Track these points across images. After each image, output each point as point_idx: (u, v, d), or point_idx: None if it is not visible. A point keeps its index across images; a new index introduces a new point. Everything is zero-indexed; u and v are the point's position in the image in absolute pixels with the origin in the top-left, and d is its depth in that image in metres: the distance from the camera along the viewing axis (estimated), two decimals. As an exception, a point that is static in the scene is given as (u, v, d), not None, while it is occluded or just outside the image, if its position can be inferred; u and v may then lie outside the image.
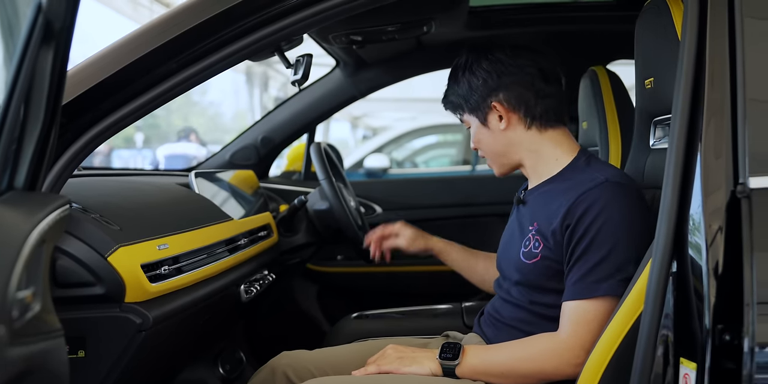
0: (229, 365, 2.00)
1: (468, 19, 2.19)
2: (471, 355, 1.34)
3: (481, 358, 1.34)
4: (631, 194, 1.32)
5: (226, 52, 1.26)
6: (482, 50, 1.44)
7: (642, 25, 1.42)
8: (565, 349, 1.27)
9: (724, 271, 1.01)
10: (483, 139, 1.47)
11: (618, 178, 1.33)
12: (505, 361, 1.32)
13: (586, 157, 1.42)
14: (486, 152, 1.49)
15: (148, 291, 1.26)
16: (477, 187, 2.88)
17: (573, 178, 1.37)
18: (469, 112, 1.46)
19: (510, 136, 1.43)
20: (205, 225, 1.58)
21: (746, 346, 0.98)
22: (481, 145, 1.48)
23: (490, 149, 1.47)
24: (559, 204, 1.33)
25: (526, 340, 1.34)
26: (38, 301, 0.81)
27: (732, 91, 1.07)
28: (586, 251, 1.27)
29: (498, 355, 1.34)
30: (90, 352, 1.21)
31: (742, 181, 1.03)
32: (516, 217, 1.51)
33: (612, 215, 1.27)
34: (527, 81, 1.40)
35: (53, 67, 0.91)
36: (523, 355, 1.31)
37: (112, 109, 1.23)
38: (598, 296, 1.26)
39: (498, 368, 1.32)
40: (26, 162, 0.95)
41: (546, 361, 1.28)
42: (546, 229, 1.34)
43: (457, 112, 1.49)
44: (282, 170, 3.10)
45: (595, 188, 1.30)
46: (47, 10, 0.85)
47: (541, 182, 1.44)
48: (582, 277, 1.27)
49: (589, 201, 1.28)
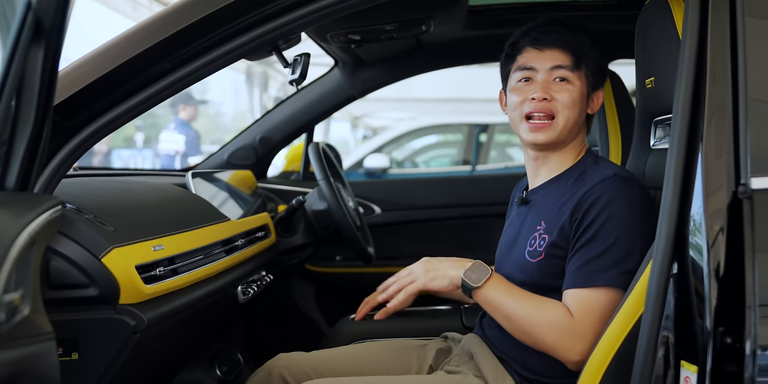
0: (226, 366, 1.99)
1: (467, 18, 2.17)
2: (492, 286, 1.33)
3: (499, 294, 1.33)
4: (639, 189, 1.32)
5: (221, 51, 1.25)
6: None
7: (642, 25, 1.41)
8: (569, 330, 1.25)
9: (726, 273, 1.00)
10: (579, 102, 1.37)
11: (625, 174, 1.34)
12: (515, 310, 1.31)
13: (594, 157, 1.43)
14: (564, 117, 1.36)
15: (142, 292, 1.24)
16: (476, 187, 2.87)
17: (581, 174, 1.37)
18: (588, 77, 1.39)
19: (584, 116, 1.42)
20: (201, 225, 1.57)
21: (748, 348, 0.97)
22: (568, 108, 1.36)
23: (572, 112, 1.37)
24: (567, 199, 1.33)
25: (544, 305, 1.30)
26: (27, 304, 0.80)
27: (733, 90, 1.06)
28: (590, 241, 1.27)
29: (514, 302, 1.31)
30: (84, 355, 1.20)
31: (744, 182, 1.02)
32: (517, 217, 1.49)
33: (618, 208, 1.27)
34: None
35: (44, 65, 0.89)
36: (533, 317, 1.29)
37: (107, 108, 1.22)
38: (598, 286, 1.25)
39: (506, 311, 1.32)
40: (17, 162, 0.94)
41: (548, 332, 1.27)
42: (554, 225, 1.34)
43: (578, 66, 1.38)
44: (280, 170, 3.09)
45: (603, 182, 1.30)
46: (37, 7, 0.83)
47: (547, 180, 1.43)
48: (582, 266, 1.27)
49: (598, 194, 1.29)
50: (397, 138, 7.86)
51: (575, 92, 1.37)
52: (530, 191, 1.47)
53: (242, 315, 2.27)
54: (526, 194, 1.47)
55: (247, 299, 1.72)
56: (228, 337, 2.16)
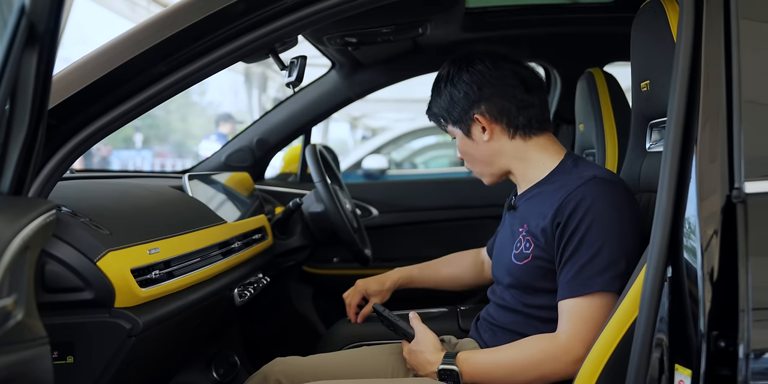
0: (222, 369, 1.99)
1: (464, 20, 2.18)
2: (467, 354, 1.34)
3: (479, 354, 1.35)
4: (620, 190, 1.32)
5: (217, 54, 1.25)
6: (463, 62, 1.43)
7: (638, 28, 1.41)
8: (563, 352, 1.26)
9: (720, 277, 1.00)
10: (468, 151, 1.47)
11: (605, 175, 1.34)
12: (506, 376, 1.31)
13: (573, 159, 1.42)
14: (472, 163, 1.49)
15: (138, 296, 1.24)
16: (474, 189, 2.87)
17: (561, 178, 1.38)
18: (453, 123, 1.46)
19: (494, 147, 1.43)
20: (197, 228, 1.57)
21: (741, 352, 0.97)
22: (467, 156, 1.48)
23: (475, 160, 1.47)
24: (549, 203, 1.33)
25: (523, 346, 1.33)
26: (21, 309, 0.79)
27: (728, 93, 1.06)
28: (578, 248, 1.27)
29: (497, 369, 1.32)
30: (79, 358, 1.20)
31: (738, 186, 1.02)
32: (508, 223, 1.51)
33: (601, 212, 1.27)
34: (509, 93, 1.40)
35: (38, 69, 0.89)
36: (522, 364, 1.30)
37: (103, 111, 1.22)
38: (593, 292, 1.25)
39: (497, 366, 1.32)
40: (11, 166, 0.93)
41: (544, 365, 1.27)
42: (536, 228, 1.34)
43: (440, 123, 1.50)
44: (278, 172, 3.09)
45: (583, 185, 1.30)
46: (30, 12, 0.83)
47: (529, 187, 1.44)
48: (575, 275, 1.27)
49: (578, 198, 1.29)
50: (396, 139, 7.87)
51: (460, 141, 1.48)
52: (518, 197, 1.49)
53: (239, 317, 2.27)
54: (514, 201, 1.49)
55: (244, 302, 1.72)
56: (225, 339, 2.16)
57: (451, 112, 1.44)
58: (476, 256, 1.84)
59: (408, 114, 13.07)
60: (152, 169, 11.97)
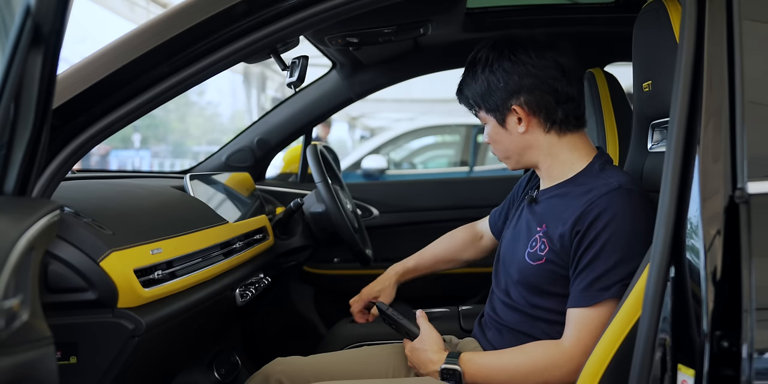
0: (224, 369, 1.99)
1: (465, 20, 2.17)
2: (469, 355, 1.34)
3: (482, 356, 1.35)
4: (643, 202, 1.30)
5: (220, 55, 1.25)
6: (505, 48, 1.37)
7: (640, 28, 1.41)
8: (567, 359, 1.26)
9: (723, 276, 1.00)
10: (499, 139, 1.42)
11: (630, 186, 1.31)
12: (508, 380, 1.31)
13: (601, 162, 1.39)
14: (501, 151, 1.44)
15: (141, 296, 1.24)
16: (474, 189, 2.87)
17: (587, 183, 1.35)
18: (487, 111, 1.41)
19: (528, 139, 1.39)
20: (199, 228, 1.57)
21: (745, 352, 0.97)
22: (497, 144, 1.43)
23: (505, 148, 1.42)
24: (571, 209, 1.31)
25: (527, 351, 1.32)
26: (26, 310, 0.80)
27: (730, 94, 1.06)
28: (595, 259, 1.26)
29: (500, 373, 1.32)
30: (82, 358, 1.20)
31: (741, 186, 1.02)
32: (525, 215, 1.47)
33: (622, 224, 1.26)
34: (550, 85, 1.34)
35: (43, 70, 0.89)
36: (525, 370, 1.30)
37: (105, 111, 1.22)
38: (602, 301, 1.25)
39: (500, 369, 1.32)
40: (16, 166, 0.93)
41: (547, 372, 1.28)
42: (554, 232, 1.33)
43: (471, 107, 1.44)
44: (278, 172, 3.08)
45: (607, 194, 1.28)
46: (36, 13, 0.83)
47: (554, 185, 1.42)
48: (588, 286, 1.26)
49: (601, 207, 1.27)
50: (395, 139, 7.87)
51: (492, 129, 1.43)
52: (541, 192, 1.45)
53: (240, 317, 2.27)
54: (537, 194, 1.45)
55: (246, 302, 1.72)
56: (226, 339, 2.16)
57: (487, 100, 1.39)
58: (470, 231, 1.82)
59: (407, 114, 13.08)
60: (150, 168, 11.97)
